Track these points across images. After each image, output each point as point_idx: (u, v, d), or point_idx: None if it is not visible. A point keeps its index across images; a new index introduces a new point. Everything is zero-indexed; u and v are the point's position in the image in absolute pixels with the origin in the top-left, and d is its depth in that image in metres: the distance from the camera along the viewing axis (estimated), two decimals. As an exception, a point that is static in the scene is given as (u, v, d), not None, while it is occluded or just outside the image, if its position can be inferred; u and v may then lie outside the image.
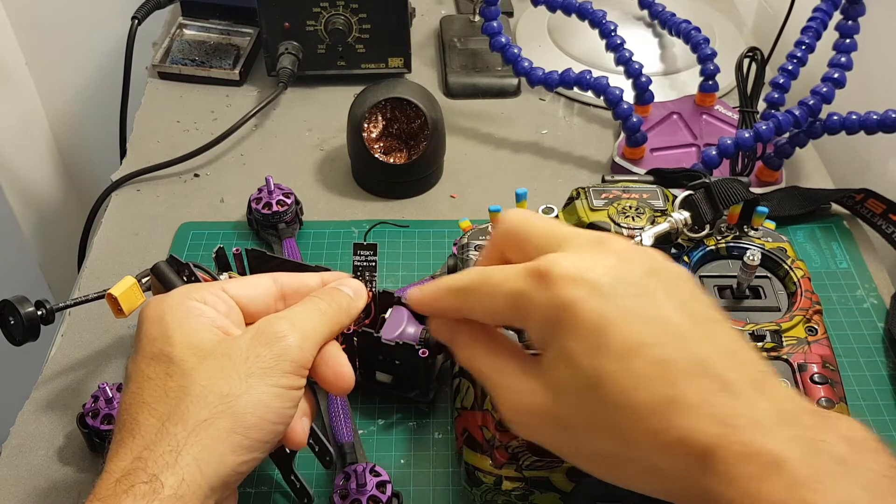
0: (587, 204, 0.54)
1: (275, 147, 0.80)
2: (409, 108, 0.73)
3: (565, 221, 0.54)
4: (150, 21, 0.90)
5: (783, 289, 0.52)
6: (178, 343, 0.40)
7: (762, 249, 0.52)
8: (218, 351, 0.40)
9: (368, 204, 0.74)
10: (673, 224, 0.51)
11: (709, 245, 0.53)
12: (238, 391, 0.38)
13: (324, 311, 0.43)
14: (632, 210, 0.53)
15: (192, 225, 0.71)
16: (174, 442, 0.37)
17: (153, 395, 0.39)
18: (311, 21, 0.82)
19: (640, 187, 0.56)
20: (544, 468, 0.43)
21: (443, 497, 0.53)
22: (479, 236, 0.53)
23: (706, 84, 0.80)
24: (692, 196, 0.52)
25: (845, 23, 0.73)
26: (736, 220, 0.54)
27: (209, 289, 0.43)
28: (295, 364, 0.40)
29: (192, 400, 0.38)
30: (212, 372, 0.39)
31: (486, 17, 0.77)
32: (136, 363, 0.41)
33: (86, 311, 0.62)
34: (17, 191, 1.12)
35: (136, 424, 0.38)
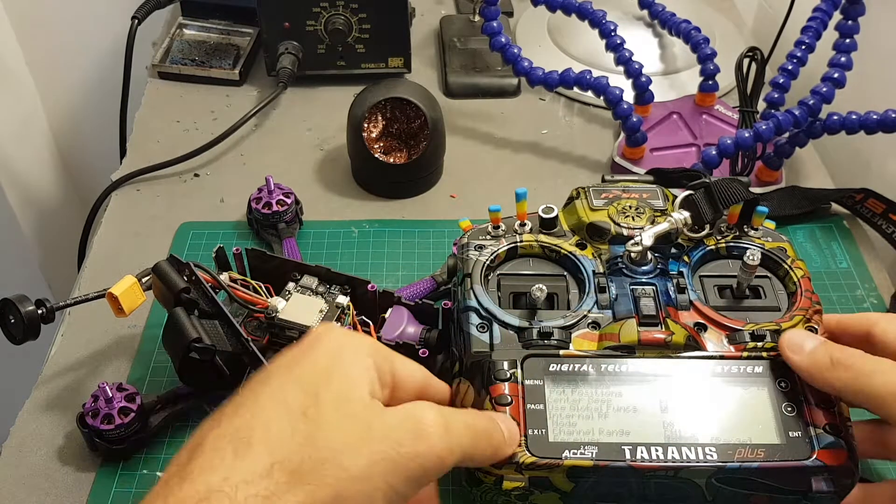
0: (587, 204, 0.54)
1: (275, 147, 0.80)
2: (409, 108, 0.73)
3: (565, 221, 0.54)
4: (150, 21, 0.90)
5: (783, 288, 0.52)
6: (334, 384, 0.37)
7: (762, 249, 0.52)
8: (364, 417, 0.36)
9: (368, 204, 0.74)
10: (673, 224, 0.51)
11: (709, 245, 0.53)
12: (357, 472, 0.34)
13: (478, 433, 0.40)
14: (632, 210, 0.53)
15: (192, 225, 0.71)
16: (273, 489, 0.33)
17: (280, 427, 0.35)
18: (311, 21, 0.82)
19: (639, 187, 0.55)
20: (544, 468, 0.43)
21: (443, 497, 0.53)
22: (479, 236, 0.53)
23: (706, 84, 0.80)
24: (692, 196, 0.52)
25: (845, 23, 0.73)
26: (736, 219, 0.53)
27: (385, 357, 0.40)
28: (424, 472, 0.36)
29: (312, 456, 0.34)
30: (347, 438, 0.35)
31: (486, 17, 0.77)
32: (286, 381, 0.37)
33: (86, 310, 0.62)
34: (17, 191, 1.12)
35: (247, 445, 0.35)
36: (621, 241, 0.52)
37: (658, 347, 0.46)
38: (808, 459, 0.43)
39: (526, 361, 0.46)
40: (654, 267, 0.50)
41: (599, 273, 0.51)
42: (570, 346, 0.47)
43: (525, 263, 0.53)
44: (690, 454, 0.43)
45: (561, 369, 0.46)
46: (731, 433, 0.44)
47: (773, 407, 0.45)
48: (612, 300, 0.49)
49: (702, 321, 0.49)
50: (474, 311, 0.48)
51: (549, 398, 0.45)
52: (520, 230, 0.53)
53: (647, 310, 0.48)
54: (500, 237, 0.53)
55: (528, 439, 0.43)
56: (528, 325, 0.47)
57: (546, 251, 0.53)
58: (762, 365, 0.46)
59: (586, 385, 0.45)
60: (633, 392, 0.45)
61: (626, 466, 0.43)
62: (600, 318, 0.48)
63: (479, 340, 0.47)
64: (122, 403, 0.53)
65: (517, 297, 0.50)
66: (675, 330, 0.47)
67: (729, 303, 0.51)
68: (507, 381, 0.45)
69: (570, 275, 0.52)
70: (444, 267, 0.65)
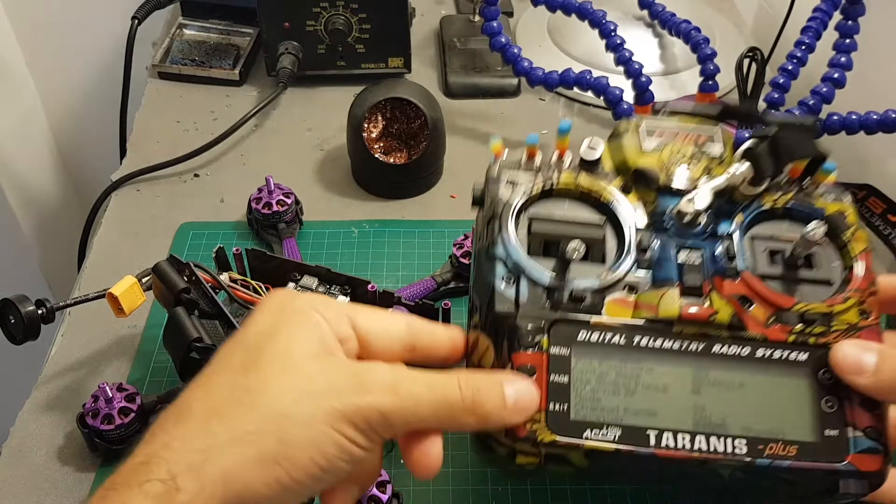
0: (636, 142, 0.47)
1: (275, 147, 0.80)
2: (409, 108, 0.73)
3: (609, 157, 0.47)
4: (150, 21, 0.90)
5: (839, 259, 0.46)
6: (276, 344, 0.37)
7: (822, 216, 0.46)
8: (308, 371, 0.36)
9: (368, 204, 0.74)
10: (731, 178, 0.45)
11: (765, 203, 0.47)
12: (299, 419, 0.35)
13: (447, 400, 0.38)
14: (686, 157, 0.47)
15: (192, 225, 0.71)
16: (210, 442, 0.34)
17: (219, 384, 0.36)
18: (311, 21, 0.82)
19: (697, 127, 0.48)
20: (565, 447, 0.40)
21: (443, 497, 0.53)
22: (511, 167, 0.47)
23: (706, 84, 0.80)
24: (754, 148, 0.45)
25: (845, 23, 0.73)
26: (798, 174, 0.47)
27: (337, 313, 0.39)
28: (371, 426, 0.36)
29: (251, 406, 0.35)
30: (286, 387, 0.35)
31: (486, 17, 0.77)
32: (228, 346, 0.38)
33: (86, 310, 0.62)
34: (17, 191, 1.12)
35: (188, 410, 0.35)
36: (670, 194, 0.46)
37: (699, 324, 0.42)
38: (841, 463, 0.40)
39: (553, 327, 0.42)
40: (704, 229, 0.45)
41: (642, 228, 0.45)
42: (603, 313, 0.43)
43: (560, 205, 0.46)
44: (719, 445, 0.40)
45: (590, 339, 0.42)
46: (764, 425, 0.41)
47: (813, 401, 0.42)
48: (654, 262, 0.44)
49: (748, 295, 0.44)
50: (501, 261, 0.43)
51: (574, 370, 0.41)
52: (558, 165, 0.47)
53: (691, 280, 0.43)
54: (536, 171, 0.47)
55: (549, 415, 0.40)
56: (559, 284, 0.43)
57: (584, 195, 0.46)
58: (807, 352, 0.43)
59: (616, 358, 0.42)
60: (665, 369, 0.42)
61: (650, 454, 0.40)
62: (638, 282, 0.43)
63: (504, 297, 0.42)
64: (122, 403, 0.53)
65: (548, 245, 0.45)
66: (719, 307, 0.43)
67: (779, 270, 0.45)
68: (531, 348, 0.41)
69: (610, 223, 0.46)
70: (444, 267, 0.65)
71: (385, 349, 0.41)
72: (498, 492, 0.53)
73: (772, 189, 0.47)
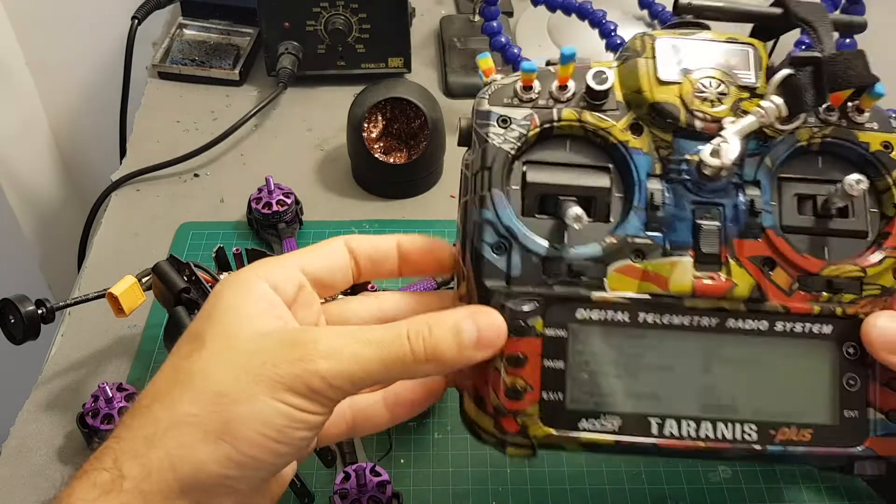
0: (652, 69, 0.39)
1: (275, 147, 0.80)
2: (409, 108, 0.73)
3: (619, 86, 0.40)
4: (150, 21, 0.90)
5: (877, 206, 0.40)
6: (218, 324, 0.36)
7: (865, 151, 0.40)
8: (246, 346, 0.35)
9: (368, 204, 0.74)
10: (762, 118, 0.38)
11: (801, 139, 0.40)
12: (238, 395, 0.34)
13: (393, 352, 0.36)
14: (712, 89, 0.39)
15: (192, 225, 0.71)
16: (153, 428, 0.34)
17: (163, 371, 0.36)
18: (311, 21, 0.82)
19: (727, 47, 0.40)
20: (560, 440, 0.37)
21: (443, 497, 0.53)
22: (504, 100, 0.40)
23: (706, 84, 0.80)
24: (795, 77, 0.38)
25: (845, 23, 0.73)
26: (840, 101, 0.41)
27: (283, 267, 0.39)
28: (312, 391, 0.35)
29: (190, 388, 0.34)
30: (224, 364, 0.35)
31: (486, 17, 0.77)
32: (180, 339, 0.37)
33: (86, 310, 0.62)
34: (17, 191, 1.12)
35: (136, 403, 0.36)
36: (691, 137, 0.39)
37: (715, 299, 0.38)
38: (859, 448, 0.38)
39: (549, 307, 0.38)
40: (727, 182, 0.39)
41: (655, 175, 0.39)
42: (606, 285, 0.38)
43: (560, 146, 0.40)
44: (727, 432, 0.37)
45: (591, 317, 0.38)
46: (778, 406, 0.38)
47: (833, 378, 0.38)
48: (666, 222, 0.38)
49: (772, 256, 0.39)
50: (491, 225, 0.38)
51: (571, 353, 0.37)
52: (559, 96, 0.40)
53: (708, 246, 0.38)
54: (533, 102, 0.40)
55: (543, 406, 0.37)
56: (557, 255, 0.38)
57: (590, 134, 0.40)
58: (831, 325, 0.38)
59: (618, 335, 0.38)
60: (672, 346, 0.38)
61: (651, 445, 0.37)
62: (647, 246, 0.38)
63: (493, 268, 0.38)
64: (122, 403, 0.53)
65: (545, 198, 0.39)
66: (738, 278, 0.38)
67: (809, 222, 0.40)
68: (524, 335, 0.37)
69: (618, 170, 0.40)
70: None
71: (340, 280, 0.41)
72: (498, 491, 0.53)
73: (808, 124, 0.40)
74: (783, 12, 0.42)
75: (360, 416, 0.42)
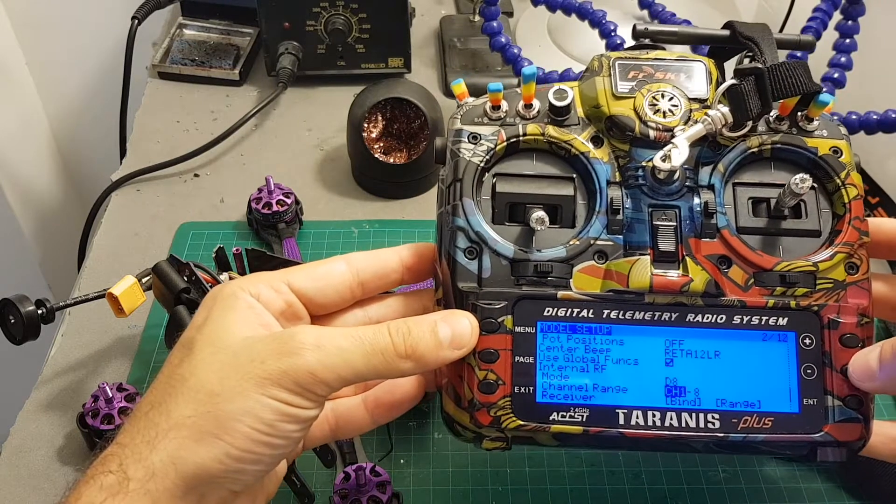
0: (610, 85, 0.43)
1: (275, 147, 0.80)
2: (409, 108, 0.73)
3: (580, 103, 0.44)
4: (150, 21, 0.90)
5: (829, 206, 0.43)
6: (206, 332, 0.38)
7: (814, 156, 0.43)
8: (233, 348, 0.37)
9: (368, 204, 0.74)
10: (709, 125, 0.41)
11: (750, 146, 0.43)
12: (229, 394, 0.36)
13: (375, 348, 0.38)
14: (664, 100, 0.42)
15: (192, 225, 0.71)
16: (153, 432, 0.35)
17: (158, 380, 0.38)
18: (311, 21, 0.82)
19: (677, 63, 0.44)
20: (531, 431, 0.39)
21: (443, 497, 0.53)
22: (474, 119, 0.43)
23: (706, 84, 0.80)
24: (738, 86, 0.41)
25: (845, 23, 0.73)
26: (789, 111, 0.43)
27: (270, 282, 0.40)
28: (300, 386, 0.36)
29: (184, 392, 0.36)
30: (213, 367, 0.37)
31: (486, 17, 0.77)
32: (174, 348, 0.39)
33: (86, 310, 0.62)
34: (17, 191, 1.12)
35: (135, 410, 0.38)
36: (646, 145, 0.42)
37: (673, 294, 0.40)
38: (818, 434, 0.39)
39: (518, 305, 0.40)
40: (681, 185, 0.42)
41: (614, 183, 0.42)
42: (571, 285, 0.40)
43: (528, 160, 0.43)
44: (690, 421, 0.39)
45: (557, 314, 0.40)
46: (740, 395, 0.40)
47: (792, 368, 0.40)
48: (626, 224, 0.41)
49: (727, 254, 0.41)
50: (463, 231, 0.41)
51: (540, 348, 0.40)
52: (525, 114, 0.43)
53: (665, 244, 0.41)
54: (501, 121, 0.43)
55: (514, 399, 0.39)
56: (524, 258, 0.40)
57: (553, 147, 0.43)
58: (787, 317, 0.40)
59: (584, 332, 0.40)
60: (636, 341, 0.40)
61: (618, 435, 0.39)
62: (608, 248, 0.41)
63: (466, 271, 0.40)
64: (122, 403, 0.53)
65: (514, 207, 0.42)
66: (694, 274, 0.40)
67: (762, 223, 0.42)
68: (495, 332, 0.40)
69: (580, 179, 0.43)
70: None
71: (333, 297, 0.42)
72: (498, 491, 0.53)
73: (757, 128, 0.43)
74: (731, 33, 0.45)
75: (342, 419, 0.43)
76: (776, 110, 0.44)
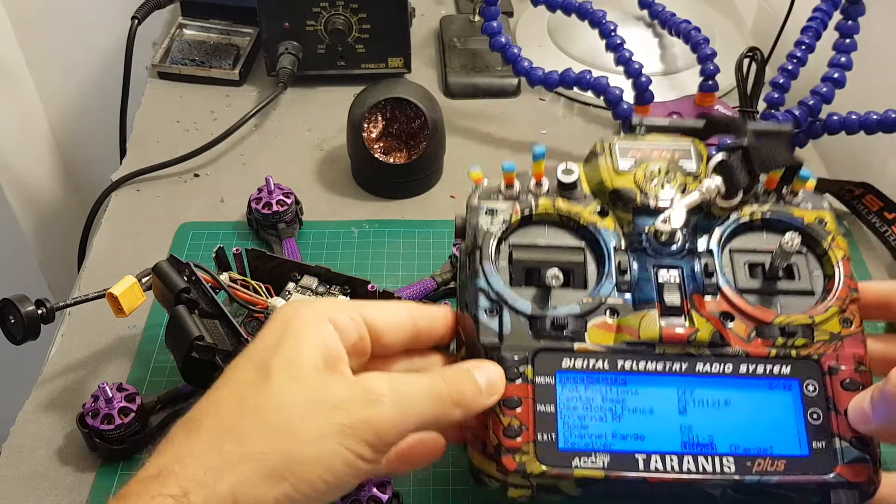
0: (611, 163, 0.48)
1: (275, 147, 0.80)
2: (409, 108, 0.73)
3: (586, 181, 0.48)
4: (150, 21, 0.90)
5: (819, 268, 0.47)
6: (281, 356, 0.38)
7: (801, 226, 0.47)
8: (313, 384, 0.37)
9: (368, 204, 0.74)
10: (704, 194, 0.45)
11: (742, 216, 0.47)
12: (308, 436, 0.35)
13: (439, 397, 0.39)
14: (661, 175, 0.47)
15: (192, 225, 0.71)
16: (221, 459, 0.35)
17: (228, 402, 0.37)
18: (311, 21, 0.82)
19: (671, 144, 0.48)
20: (553, 478, 0.41)
21: (443, 497, 0.53)
22: (490, 196, 0.48)
23: (706, 84, 0.80)
24: (727, 161, 0.46)
25: (845, 23, 0.73)
26: (775, 184, 0.48)
27: (348, 312, 0.41)
28: (378, 438, 0.37)
29: (260, 423, 0.36)
30: (293, 403, 0.36)
31: (486, 17, 0.77)
32: (238, 361, 0.39)
33: (86, 310, 0.62)
34: (17, 191, 1.12)
35: (198, 426, 0.36)
36: (647, 213, 0.46)
37: (681, 344, 0.43)
38: (830, 475, 0.41)
39: (537, 357, 0.43)
40: (682, 246, 0.46)
41: (621, 249, 0.46)
42: (586, 338, 0.44)
43: (540, 231, 0.47)
44: (707, 465, 0.41)
45: (575, 364, 0.43)
46: (752, 441, 0.42)
47: (799, 414, 0.42)
48: (634, 283, 0.45)
49: (729, 311, 0.44)
50: (484, 292, 0.44)
51: (560, 398, 0.42)
52: (536, 191, 0.48)
53: (671, 299, 0.44)
54: (514, 198, 0.48)
55: (537, 446, 0.41)
56: (541, 313, 0.44)
57: (563, 220, 0.47)
58: (790, 365, 0.43)
59: (601, 383, 0.43)
60: (650, 391, 0.43)
61: (639, 479, 0.41)
62: (619, 305, 0.44)
63: (488, 328, 0.43)
64: (122, 403, 0.53)
65: (530, 272, 0.46)
66: (700, 325, 0.43)
67: (759, 284, 0.46)
68: (516, 379, 0.42)
69: (589, 247, 0.47)
70: (444, 267, 0.65)
71: (395, 338, 0.43)
72: (498, 492, 0.53)
73: (749, 201, 0.47)
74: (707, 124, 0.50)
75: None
76: (764, 184, 0.48)
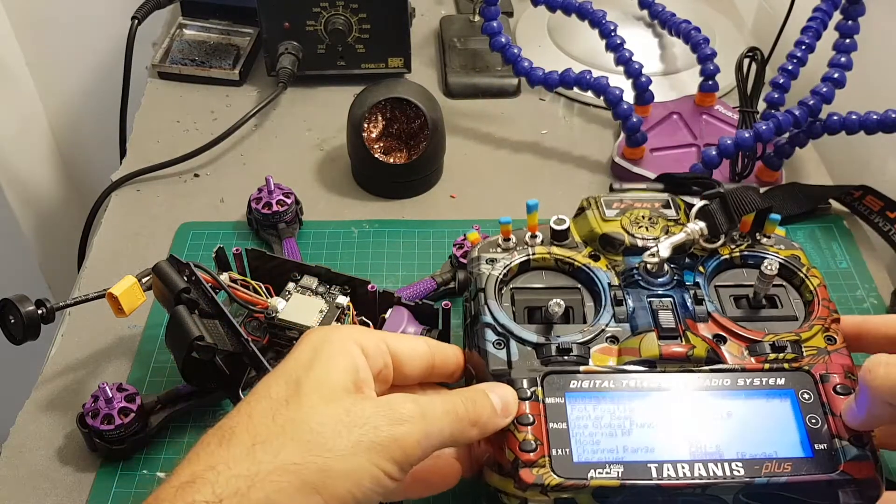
0: (599, 214, 0.53)
1: (275, 147, 0.80)
2: (409, 108, 0.73)
3: (576, 233, 0.54)
4: (150, 21, 0.90)
5: (799, 297, 0.51)
6: (314, 376, 0.39)
7: (777, 258, 0.52)
8: (344, 404, 0.38)
9: (368, 204, 0.74)
10: (689, 234, 0.51)
11: (723, 254, 0.52)
12: (341, 451, 0.37)
13: (458, 417, 0.41)
14: (645, 220, 0.52)
15: (192, 225, 0.71)
16: (255, 469, 0.36)
17: (262, 414, 0.38)
18: (311, 21, 0.82)
19: (650, 196, 0.55)
20: (570, 490, 0.42)
21: (443, 497, 0.53)
22: (489, 249, 0.52)
23: (706, 84, 0.80)
24: (708, 206, 0.52)
25: (845, 23, 0.73)
26: (748, 228, 0.53)
27: (375, 340, 0.43)
28: (405, 455, 0.38)
29: (294, 437, 0.37)
30: (326, 419, 0.38)
31: (486, 17, 0.77)
32: (271, 378, 0.40)
33: (86, 310, 0.62)
34: (17, 191, 1.12)
35: (231, 434, 0.37)
36: (636, 253, 0.51)
37: (679, 361, 0.46)
38: (835, 472, 0.42)
39: (546, 379, 0.45)
40: (671, 278, 0.50)
41: (615, 285, 0.50)
42: (590, 361, 0.46)
43: (538, 276, 0.52)
44: (717, 470, 0.42)
45: (582, 385, 0.45)
46: (757, 447, 0.43)
47: (798, 419, 0.44)
48: (630, 313, 0.48)
49: (721, 333, 0.48)
50: (490, 327, 0.48)
51: (571, 416, 0.44)
52: (531, 242, 0.53)
53: (666, 322, 0.47)
54: (512, 250, 0.52)
55: (553, 460, 0.43)
56: (546, 341, 0.47)
57: (559, 264, 0.52)
58: (784, 377, 0.46)
59: (608, 401, 0.45)
60: (655, 406, 0.45)
61: (654, 486, 0.42)
62: (618, 332, 0.48)
63: (496, 357, 0.46)
64: (122, 403, 0.53)
65: (532, 312, 0.50)
66: (695, 343, 0.46)
67: (746, 313, 0.50)
68: (528, 399, 0.44)
69: (585, 287, 0.51)
70: (444, 267, 0.65)
71: (414, 369, 0.45)
72: (498, 492, 0.53)
73: (726, 243, 0.53)
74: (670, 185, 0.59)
75: None
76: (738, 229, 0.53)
